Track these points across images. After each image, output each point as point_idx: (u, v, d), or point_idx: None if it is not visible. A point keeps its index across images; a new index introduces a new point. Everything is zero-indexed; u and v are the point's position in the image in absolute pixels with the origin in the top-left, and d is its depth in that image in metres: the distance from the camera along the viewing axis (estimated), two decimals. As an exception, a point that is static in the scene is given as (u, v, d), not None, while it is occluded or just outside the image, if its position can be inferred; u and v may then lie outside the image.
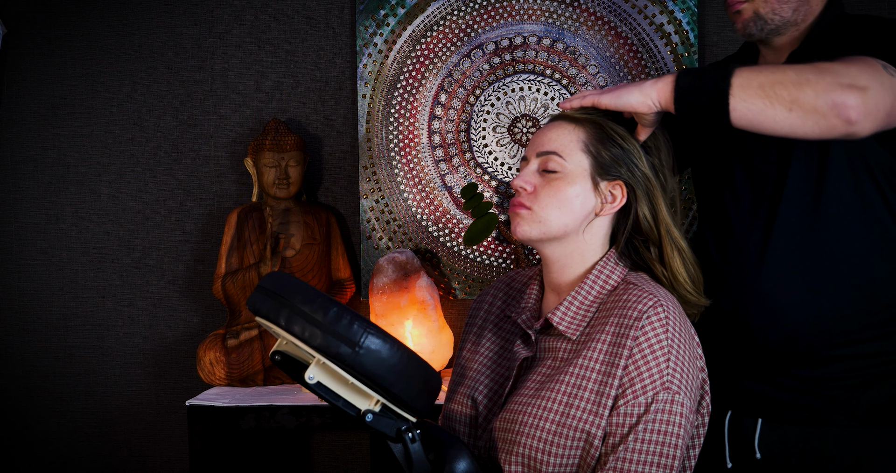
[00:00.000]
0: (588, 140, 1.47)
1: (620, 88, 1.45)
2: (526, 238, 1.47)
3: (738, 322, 1.62)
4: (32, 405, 2.69)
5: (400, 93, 2.58)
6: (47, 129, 2.66)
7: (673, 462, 1.35)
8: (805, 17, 1.65)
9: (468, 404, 1.53)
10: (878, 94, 1.38)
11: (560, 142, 1.47)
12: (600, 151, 1.46)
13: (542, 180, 1.47)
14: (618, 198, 1.47)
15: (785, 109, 1.37)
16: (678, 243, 1.48)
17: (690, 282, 1.49)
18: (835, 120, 1.37)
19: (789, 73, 1.39)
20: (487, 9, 2.55)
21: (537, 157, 1.48)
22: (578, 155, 1.46)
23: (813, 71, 1.38)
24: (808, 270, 1.58)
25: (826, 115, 1.36)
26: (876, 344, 1.58)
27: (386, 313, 2.42)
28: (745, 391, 1.65)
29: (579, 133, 1.47)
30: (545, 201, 1.45)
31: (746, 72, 1.40)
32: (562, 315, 1.46)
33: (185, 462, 2.63)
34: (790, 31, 1.66)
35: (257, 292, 1.33)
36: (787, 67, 1.41)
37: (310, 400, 2.24)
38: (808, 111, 1.37)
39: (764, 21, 1.64)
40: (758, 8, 1.63)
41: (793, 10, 1.63)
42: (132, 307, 2.67)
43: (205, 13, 2.62)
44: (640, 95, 1.43)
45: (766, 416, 1.63)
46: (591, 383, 1.39)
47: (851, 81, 1.37)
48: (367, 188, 2.59)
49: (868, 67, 1.40)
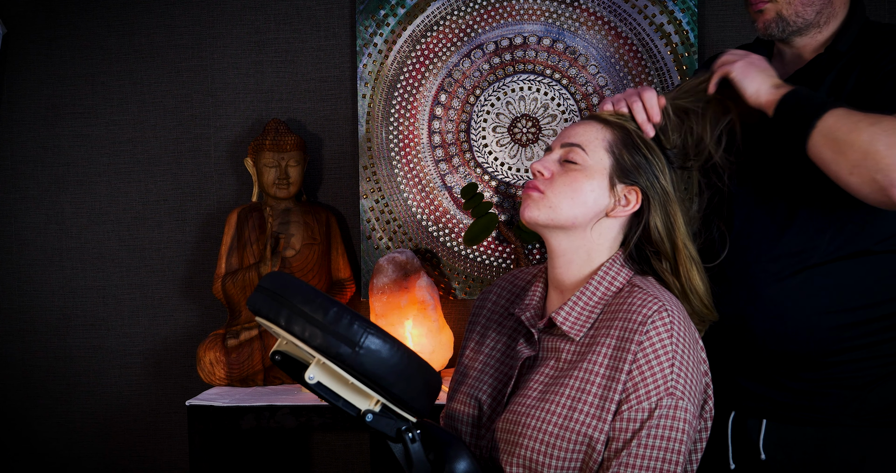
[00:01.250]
0: (614, 141, 1.48)
1: (753, 65, 1.52)
2: (533, 222, 1.47)
3: (741, 326, 1.62)
4: (32, 405, 2.69)
5: (400, 93, 2.58)
6: (47, 129, 2.67)
7: (676, 468, 1.35)
8: (828, 20, 1.65)
9: (472, 403, 1.53)
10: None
11: (586, 137, 1.48)
12: (623, 154, 1.47)
13: (561, 168, 1.48)
14: (631, 203, 1.47)
15: (846, 171, 1.43)
16: (695, 257, 1.49)
17: (707, 296, 1.49)
18: (885, 198, 1.41)
19: (864, 136, 1.41)
20: (487, 9, 2.55)
21: (561, 147, 1.50)
22: (601, 153, 1.47)
23: (886, 142, 1.40)
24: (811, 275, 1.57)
25: (880, 191, 1.41)
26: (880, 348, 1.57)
27: (386, 313, 2.42)
28: (748, 392, 1.64)
29: (606, 133, 1.49)
30: (559, 189, 1.46)
31: (833, 118, 1.45)
32: (566, 315, 1.46)
33: (185, 462, 2.63)
34: (811, 33, 1.66)
35: (257, 293, 1.33)
36: (866, 126, 1.42)
37: (310, 400, 2.24)
38: (865, 181, 1.42)
39: (786, 22, 1.64)
40: (781, 9, 1.63)
41: (816, 13, 1.63)
42: (132, 307, 2.67)
43: (205, 13, 2.63)
44: (755, 88, 1.51)
45: (771, 417, 1.62)
46: (595, 387, 1.39)
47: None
48: (367, 188, 2.59)
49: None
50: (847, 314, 1.56)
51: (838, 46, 1.62)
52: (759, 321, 1.60)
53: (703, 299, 1.49)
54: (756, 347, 1.61)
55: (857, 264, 1.57)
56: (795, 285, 1.58)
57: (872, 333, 1.57)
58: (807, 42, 1.67)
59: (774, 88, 1.50)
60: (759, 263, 1.61)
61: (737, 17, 2.54)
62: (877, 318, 1.57)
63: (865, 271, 1.57)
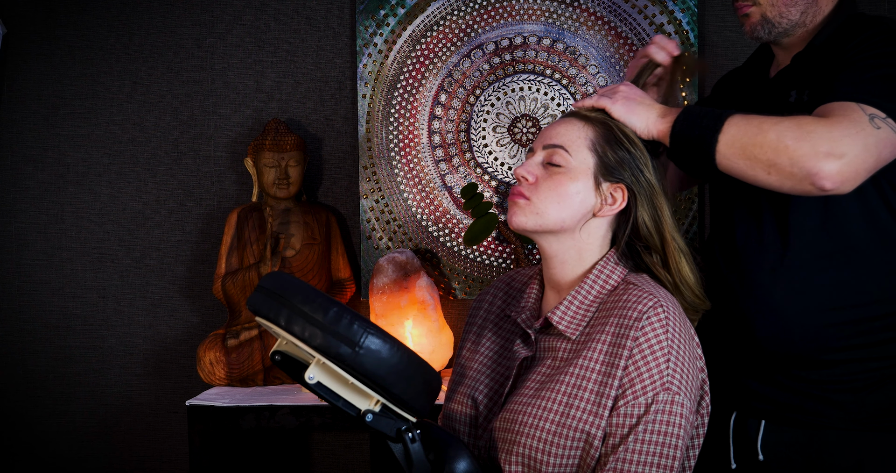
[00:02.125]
0: (596, 139, 1.47)
1: (633, 101, 1.51)
2: (521, 228, 1.47)
3: (741, 321, 1.62)
4: (32, 405, 2.69)
5: (400, 93, 2.58)
6: (47, 129, 2.66)
7: (673, 463, 1.35)
8: (814, 18, 1.65)
9: (468, 404, 1.53)
10: (857, 158, 1.41)
11: (568, 137, 1.47)
12: (606, 151, 1.47)
13: (545, 172, 1.48)
14: (618, 201, 1.47)
15: (764, 172, 1.44)
16: (683, 248, 1.48)
17: (698, 286, 1.49)
18: (810, 187, 1.42)
19: (770, 135, 1.42)
20: (487, 9, 2.55)
21: (544, 149, 1.49)
22: (584, 152, 1.46)
23: (793, 135, 1.41)
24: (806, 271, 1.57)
25: (801, 181, 1.42)
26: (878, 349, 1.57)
27: (386, 313, 2.42)
28: (749, 392, 1.65)
29: (588, 131, 1.48)
30: (544, 194, 1.46)
31: (734, 128, 1.45)
32: (562, 315, 1.46)
33: (185, 462, 2.63)
34: (799, 32, 1.66)
35: (257, 292, 1.33)
36: (770, 126, 1.43)
37: (310, 400, 2.24)
38: (785, 177, 1.43)
39: (772, 24, 1.64)
40: (765, 11, 1.63)
41: (801, 13, 1.63)
42: (132, 307, 2.67)
43: (205, 13, 2.63)
44: (644, 122, 1.50)
45: (770, 418, 1.62)
46: (591, 383, 1.39)
47: (829, 149, 1.40)
48: (367, 188, 2.59)
49: (852, 125, 1.42)
50: (843, 311, 1.56)
51: (814, 41, 1.62)
52: (755, 315, 1.60)
53: (693, 289, 1.49)
54: (755, 343, 1.61)
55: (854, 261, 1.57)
56: (789, 280, 1.58)
57: (871, 332, 1.56)
58: (795, 41, 1.67)
59: (661, 118, 1.50)
60: (754, 256, 1.61)
61: (736, 17, 2.53)
62: (875, 317, 1.57)
63: (863, 270, 1.57)
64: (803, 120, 1.44)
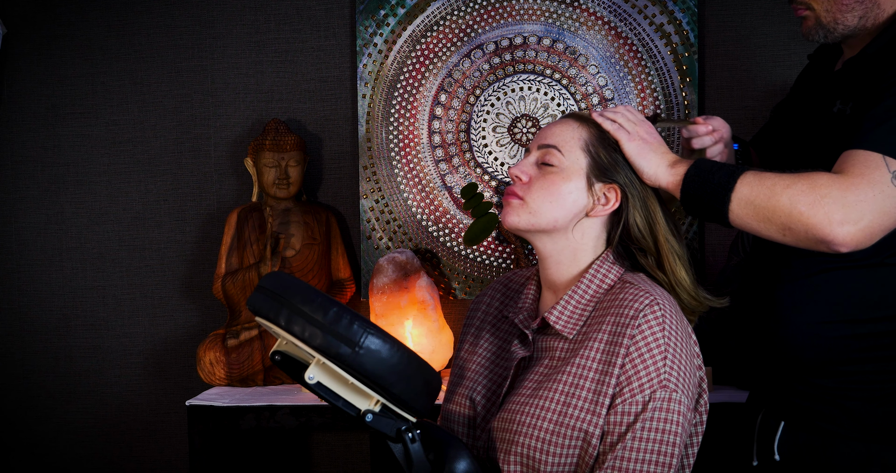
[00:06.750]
0: (589, 140, 1.48)
1: (648, 145, 1.48)
2: (514, 228, 1.48)
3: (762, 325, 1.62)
4: (32, 405, 2.69)
5: (400, 93, 2.58)
6: (47, 129, 2.67)
7: (671, 460, 1.35)
8: (875, 21, 1.56)
9: (466, 404, 1.53)
10: (873, 223, 1.39)
11: (562, 137, 1.48)
12: (599, 152, 1.47)
13: (538, 171, 1.48)
14: (611, 201, 1.47)
15: (779, 234, 1.43)
16: (678, 250, 1.48)
17: (694, 288, 1.49)
18: (825, 249, 1.41)
19: (783, 199, 1.40)
20: (487, 9, 2.55)
21: (538, 149, 1.50)
22: (577, 153, 1.47)
23: (806, 201, 1.39)
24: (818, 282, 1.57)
25: (817, 245, 1.41)
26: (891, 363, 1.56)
27: (386, 313, 2.42)
28: (772, 391, 1.65)
29: (582, 132, 1.48)
30: (537, 194, 1.46)
31: (747, 188, 1.43)
32: (558, 314, 1.46)
33: (185, 462, 2.63)
34: (862, 36, 1.58)
35: (257, 292, 1.33)
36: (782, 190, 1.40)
37: (310, 400, 2.24)
38: (800, 240, 1.41)
39: (826, 29, 1.57)
40: (820, 16, 1.57)
41: (858, 18, 1.56)
42: (132, 307, 2.67)
43: (205, 13, 2.63)
44: (653, 170, 1.47)
45: (788, 420, 1.62)
46: (589, 382, 1.39)
47: (844, 217, 1.37)
48: (367, 188, 2.59)
49: (870, 188, 1.38)
50: (853, 325, 1.54)
51: (867, 49, 1.56)
52: (770, 321, 1.60)
53: (689, 292, 1.49)
54: (772, 347, 1.61)
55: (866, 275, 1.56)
56: (801, 289, 1.57)
57: (883, 347, 1.55)
58: (858, 42, 1.60)
59: (671, 168, 1.47)
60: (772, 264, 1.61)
61: (737, 17, 2.54)
62: (887, 332, 1.55)
63: (875, 284, 1.55)
64: (818, 181, 1.40)
